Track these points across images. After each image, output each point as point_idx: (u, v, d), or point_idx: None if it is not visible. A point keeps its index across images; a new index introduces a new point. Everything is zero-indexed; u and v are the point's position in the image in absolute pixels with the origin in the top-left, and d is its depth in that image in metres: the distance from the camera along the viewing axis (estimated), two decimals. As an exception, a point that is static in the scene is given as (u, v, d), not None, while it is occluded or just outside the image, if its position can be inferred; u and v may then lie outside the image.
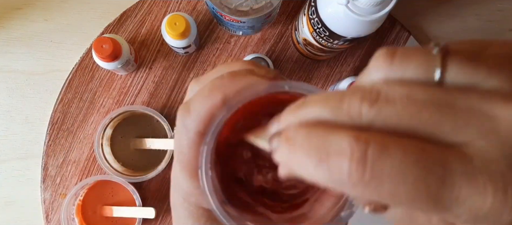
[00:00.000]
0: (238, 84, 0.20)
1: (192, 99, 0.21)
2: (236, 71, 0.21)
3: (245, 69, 0.21)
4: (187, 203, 0.24)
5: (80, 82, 0.59)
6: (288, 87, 0.19)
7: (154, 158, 0.59)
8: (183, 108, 0.21)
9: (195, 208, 0.24)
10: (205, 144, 0.20)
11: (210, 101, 0.20)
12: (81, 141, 0.59)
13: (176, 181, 0.24)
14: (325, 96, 0.16)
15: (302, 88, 0.19)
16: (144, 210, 0.56)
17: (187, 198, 0.24)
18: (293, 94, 0.20)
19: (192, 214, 0.24)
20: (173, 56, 0.60)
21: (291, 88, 0.19)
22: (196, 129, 0.21)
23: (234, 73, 0.21)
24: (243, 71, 0.21)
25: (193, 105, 0.21)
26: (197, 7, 0.60)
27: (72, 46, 0.60)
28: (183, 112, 0.21)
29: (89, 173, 0.59)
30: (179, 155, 0.22)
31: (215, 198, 0.20)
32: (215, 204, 0.20)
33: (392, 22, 0.61)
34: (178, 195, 0.24)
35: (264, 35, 0.60)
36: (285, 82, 0.19)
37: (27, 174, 0.60)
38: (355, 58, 0.61)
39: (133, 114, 0.59)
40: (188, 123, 0.21)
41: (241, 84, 0.20)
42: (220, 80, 0.20)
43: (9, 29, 0.60)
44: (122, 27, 0.59)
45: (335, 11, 0.43)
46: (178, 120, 0.21)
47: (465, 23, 0.63)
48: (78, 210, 0.57)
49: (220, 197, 0.20)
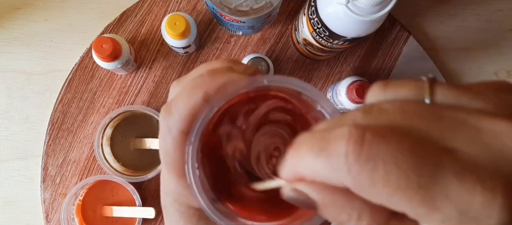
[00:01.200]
0: (218, 81, 0.20)
1: (174, 99, 0.21)
2: (215, 69, 0.22)
3: (224, 67, 0.22)
4: (178, 204, 0.24)
5: (80, 82, 0.59)
6: (267, 81, 0.20)
7: (154, 158, 0.59)
8: (165, 109, 0.21)
9: (186, 208, 0.24)
10: (190, 143, 0.20)
11: (192, 100, 0.20)
12: (81, 141, 0.59)
13: (165, 183, 0.24)
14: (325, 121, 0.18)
15: (280, 81, 0.20)
16: (144, 210, 0.56)
17: (177, 199, 0.24)
18: (272, 87, 0.20)
19: (183, 214, 0.24)
20: (173, 56, 0.60)
21: (270, 82, 0.20)
22: (180, 129, 0.21)
23: (213, 70, 0.21)
24: (222, 69, 0.21)
25: (175, 105, 0.21)
26: (197, 7, 0.60)
27: (72, 46, 0.60)
28: (165, 113, 0.21)
29: (89, 173, 0.59)
30: (165, 156, 0.22)
31: (204, 196, 0.20)
32: (204, 202, 0.20)
33: (392, 22, 0.61)
34: (168, 196, 0.24)
35: (264, 35, 0.60)
36: (264, 77, 0.20)
37: (27, 174, 0.60)
38: (355, 58, 0.61)
39: (133, 114, 0.59)
40: (171, 124, 0.21)
41: (221, 81, 0.20)
42: (200, 79, 0.21)
43: (9, 29, 0.60)
44: (122, 27, 0.59)
45: (335, 11, 0.43)
46: (161, 121, 0.22)
47: (465, 23, 0.63)
48: (78, 210, 0.57)
49: (210, 195, 0.20)
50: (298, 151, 0.16)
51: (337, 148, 0.14)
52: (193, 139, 0.20)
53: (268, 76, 0.20)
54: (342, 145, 0.14)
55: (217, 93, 0.20)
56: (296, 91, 0.20)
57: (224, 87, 0.20)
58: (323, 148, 0.15)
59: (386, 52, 0.61)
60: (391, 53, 0.61)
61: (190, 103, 0.20)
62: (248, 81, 0.20)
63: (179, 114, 0.21)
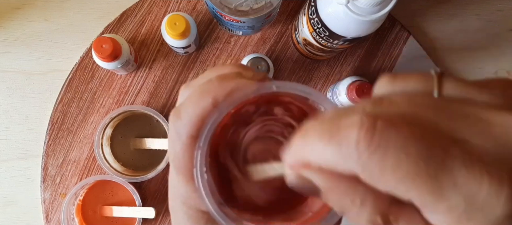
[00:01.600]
0: (227, 87, 0.21)
1: (183, 104, 0.21)
2: (224, 74, 0.22)
3: (233, 72, 0.22)
4: (186, 207, 0.24)
5: (80, 82, 0.59)
6: (275, 87, 0.20)
7: (154, 158, 0.59)
8: (174, 113, 0.22)
9: (194, 211, 0.24)
10: (199, 147, 0.20)
11: (201, 105, 0.21)
12: (81, 141, 0.59)
13: (174, 186, 0.24)
14: (334, 110, 0.17)
15: (289, 87, 0.20)
16: (144, 210, 0.56)
17: (185, 202, 0.24)
18: (281, 93, 0.21)
19: (191, 217, 0.24)
20: (173, 56, 0.60)
21: (278, 88, 0.20)
22: (189, 134, 0.21)
23: (222, 76, 0.21)
24: (231, 74, 0.22)
25: (184, 110, 0.21)
26: (197, 7, 0.60)
27: (72, 46, 0.60)
28: (174, 117, 0.21)
29: (89, 173, 0.59)
30: (174, 160, 0.22)
31: (212, 200, 0.20)
32: (212, 206, 0.20)
33: (392, 22, 0.61)
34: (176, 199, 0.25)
35: (264, 35, 0.60)
36: (273, 83, 0.20)
37: (27, 174, 0.60)
38: (355, 58, 0.61)
39: (133, 114, 0.59)
40: (180, 128, 0.21)
41: (230, 87, 0.21)
42: (210, 84, 0.21)
43: (9, 29, 0.60)
44: (122, 27, 0.59)
45: (335, 11, 0.43)
46: (170, 125, 0.22)
47: (465, 23, 0.63)
48: (78, 210, 0.57)
49: (217, 198, 0.21)
50: (305, 137, 0.16)
51: (348, 135, 0.15)
52: (202, 143, 0.20)
53: (277, 82, 0.20)
54: (354, 132, 0.14)
55: (226, 99, 0.20)
56: (303, 97, 0.21)
57: (232, 93, 0.20)
58: (334, 135, 0.15)
59: (386, 52, 0.61)
60: (391, 53, 0.61)
61: (199, 108, 0.21)
62: (257, 86, 0.20)
63: (189, 118, 0.21)
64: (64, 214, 0.55)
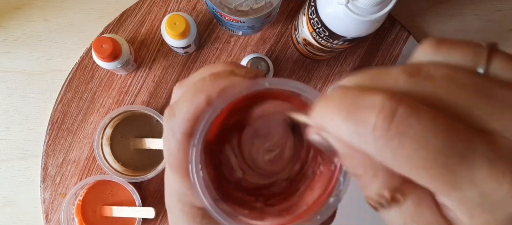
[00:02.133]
0: (220, 84, 0.21)
1: (177, 102, 0.21)
2: (217, 72, 0.22)
3: (226, 70, 0.22)
4: (182, 204, 0.24)
5: (80, 82, 0.59)
6: (268, 84, 0.20)
7: (154, 158, 0.59)
8: (168, 111, 0.22)
9: (190, 208, 0.24)
10: (194, 145, 0.20)
11: (195, 103, 0.21)
12: (81, 141, 0.59)
13: (169, 183, 0.24)
14: (369, 71, 0.17)
15: (282, 83, 0.20)
16: (144, 210, 0.56)
17: (181, 199, 0.24)
18: (273, 90, 0.21)
19: (187, 213, 0.24)
20: (173, 56, 0.60)
21: (271, 84, 0.20)
22: (183, 131, 0.21)
23: (216, 74, 0.22)
24: (224, 72, 0.22)
25: (178, 107, 0.21)
26: (197, 7, 0.60)
27: (72, 46, 0.60)
28: (168, 115, 0.22)
29: (89, 173, 0.59)
30: (169, 158, 0.22)
31: (208, 196, 0.20)
32: (208, 202, 0.20)
33: (392, 22, 0.61)
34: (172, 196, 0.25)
35: (264, 35, 0.60)
36: (265, 80, 0.20)
37: (27, 174, 0.60)
38: (355, 58, 0.61)
39: (133, 114, 0.59)
40: (174, 126, 0.21)
41: (223, 85, 0.21)
42: (203, 82, 0.21)
43: (9, 29, 0.60)
44: (122, 27, 0.59)
45: (335, 11, 0.43)
46: (165, 123, 0.22)
47: (465, 23, 0.63)
48: (78, 210, 0.57)
49: (213, 195, 0.21)
50: (326, 107, 0.16)
51: (366, 118, 0.14)
52: (197, 141, 0.20)
53: (269, 79, 0.20)
54: (372, 116, 0.14)
55: (220, 96, 0.21)
56: (296, 93, 0.21)
57: (226, 90, 0.21)
58: (352, 114, 0.15)
59: (386, 52, 0.61)
60: (391, 53, 0.61)
61: (193, 106, 0.21)
62: (250, 84, 0.20)
63: (183, 116, 0.21)
64: (64, 214, 0.55)
